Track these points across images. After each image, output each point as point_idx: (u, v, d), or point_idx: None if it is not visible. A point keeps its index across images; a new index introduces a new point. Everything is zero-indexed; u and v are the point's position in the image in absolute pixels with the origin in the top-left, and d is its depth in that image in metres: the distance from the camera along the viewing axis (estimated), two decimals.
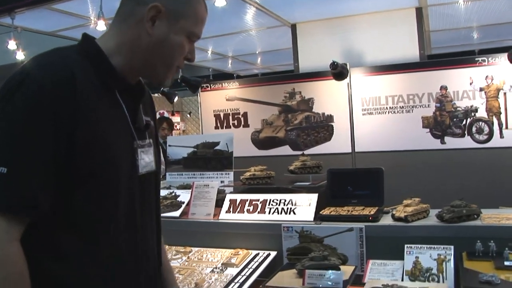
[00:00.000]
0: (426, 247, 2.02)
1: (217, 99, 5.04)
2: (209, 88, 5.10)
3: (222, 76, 8.41)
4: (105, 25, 3.98)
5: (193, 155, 3.63)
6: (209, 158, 3.53)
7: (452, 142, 4.10)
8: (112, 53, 1.19)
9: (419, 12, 4.60)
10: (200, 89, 5.07)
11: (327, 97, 4.58)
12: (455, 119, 4.11)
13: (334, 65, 3.96)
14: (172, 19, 1.18)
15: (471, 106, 4.05)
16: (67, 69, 1.08)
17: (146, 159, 1.24)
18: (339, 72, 4.04)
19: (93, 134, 1.09)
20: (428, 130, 4.18)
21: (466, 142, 4.05)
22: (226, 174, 3.43)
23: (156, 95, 10.89)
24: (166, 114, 7.20)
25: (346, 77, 4.23)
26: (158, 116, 6.89)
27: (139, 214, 1.21)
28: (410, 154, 4.19)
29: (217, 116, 5.06)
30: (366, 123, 4.39)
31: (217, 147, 3.53)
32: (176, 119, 11.65)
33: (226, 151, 3.49)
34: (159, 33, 1.18)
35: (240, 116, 4.96)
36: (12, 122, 1.02)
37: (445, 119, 4.14)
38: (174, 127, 10.78)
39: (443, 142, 4.15)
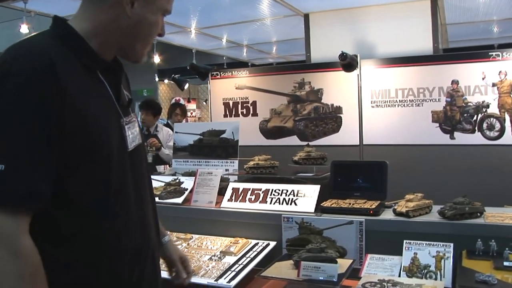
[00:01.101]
0: (425, 243, 1.99)
1: (227, 87, 5.02)
2: (219, 76, 5.06)
3: (237, 65, 8.47)
4: None
5: (199, 143, 3.63)
6: (214, 146, 3.53)
7: (461, 138, 4.02)
8: (89, 35, 1.19)
9: (434, 4, 4.50)
10: (210, 77, 5.05)
11: (337, 88, 4.53)
12: (465, 115, 4.03)
13: (343, 56, 3.90)
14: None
15: (483, 102, 3.97)
16: (47, 57, 1.07)
17: (133, 134, 1.26)
18: (348, 63, 3.98)
19: (84, 117, 1.10)
20: (437, 124, 4.11)
21: (476, 138, 3.97)
22: (231, 162, 3.43)
23: (166, 81, 10.94)
24: (182, 101, 7.21)
25: (355, 69, 4.16)
26: (173, 101, 6.92)
27: (133, 188, 1.23)
28: (418, 149, 4.12)
29: (226, 104, 5.04)
30: (375, 116, 4.34)
31: (223, 135, 3.52)
32: (192, 106, 11.70)
33: (232, 140, 3.48)
34: (137, 14, 1.20)
35: (249, 105, 4.93)
36: (3, 117, 1.02)
37: (456, 114, 4.06)
38: (190, 114, 10.83)
39: (452, 138, 4.08)
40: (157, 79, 11.48)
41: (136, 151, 1.28)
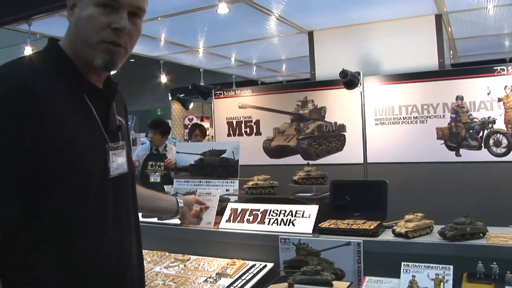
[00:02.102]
0: (424, 265, 1.92)
1: (230, 106, 5.03)
2: (222, 96, 5.09)
3: (247, 83, 8.48)
4: None
5: (200, 163, 3.63)
6: (215, 166, 3.52)
7: (467, 155, 3.94)
8: (71, 53, 1.18)
9: (439, 19, 4.45)
10: (213, 96, 5.08)
11: (340, 106, 4.52)
12: (471, 131, 3.96)
13: (343, 73, 3.87)
14: None
15: (489, 118, 3.89)
16: (19, 80, 1.06)
17: (118, 161, 1.24)
18: (349, 80, 3.94)
19: (59, 141, 1.08)
20: (442, 141, 4.04)
21: (483, 155, 3.88)
22: (231, 182, 3.40)
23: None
24: (195, 120, 7.19)
25: (356, 86, 4.12)
26: (186, 120, 6.89)
27: (112, 216, 1.20)
28: (424, 167, 4.05)
29: (229, 124, 5.04)
30: (379, 134, 4.30)
31: (224, 155, 3.52)
32: (205, 125, 11.75)
33: (232, 159, 3.48)
34: (74, 16, 1.18)
35: (253, 124, 4.93)
36: None
37: (461, 130, 3.99)
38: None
39: (458, 155, 4.00)
40: (170, 98, 11.60)
41: (122, 179, 1.26)
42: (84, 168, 1.13)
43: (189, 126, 6.63)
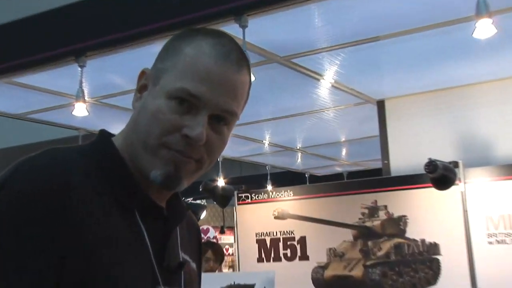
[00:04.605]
0: None
1: (262, 216, 5.07)
2: (249, 200, 5.12)
3: (287, 178, 8.57)
4: (86, 109, 4.19)
5: None
6: None
7: None
8: (124, 153, 1.24)
9: None
10: (236, 201, 5.10)
11: (429, 215, 4.47)
12: None
13: (431, 165, 3.75)
14: (154, 80, 1.22)
15: None
16: (62, 176, 1.11)
17: None
18: (440, 176, 3.83)
19: (92, 265, 1.10)
20: None
21: None
22: None
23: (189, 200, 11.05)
24: (211, 233, 7.08)
25: (453, 184, 4.00)
26: (203, 236, 6.79)
27: None
28: None
29: (260, 243, 5.03)
30: (495, 257, 4.17)
31: None
32: (227, 239, 11.54)
33: None
34: (140, 103, 1.23)
35: (296, 242, 4.91)
36: None
37: None
38: (226, 251, 10.60)
39: None
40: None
41: None
42: None
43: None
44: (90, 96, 4.57)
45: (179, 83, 1.17)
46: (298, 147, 7.32)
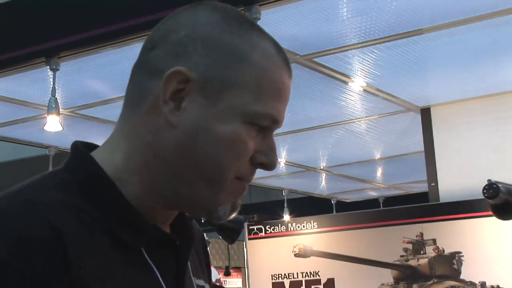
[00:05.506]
0: None
1: (278, 253, 5.18)
2: (263, 234, 5.09)
3: (309, 205, 8.60)
4: (59, 123, 4.14)
5: None
6: None
7: None
8: (122, 175, 1.18)
9: None
10: (247, 235, 5.14)
11: (490, 252, 4.49)
12: None
13: (491, 188, 3.45)
14: (211, 91, 1.14)
15: None
16: (44, 227, 1.05)
17: None
18: (504, 202, 3.54)
19: None
20: None
21: None
22: None
23: None
24: (214, 275, 7.14)
25: None
26: None
27: None
28: None
29: (278, 286, 4.99)
30: None
31: None
32: (235, 282, 11.50)
33: None
34: (189, 120, 1.15)
35: (322, 286, 4.96)
36: None
37: None
38: None
39: None
40: None
41: None
42: None
43: None
44: (64, 107, 4.53)
45: (261, 108, 1.15)
46: (321, 167, 7.45)
